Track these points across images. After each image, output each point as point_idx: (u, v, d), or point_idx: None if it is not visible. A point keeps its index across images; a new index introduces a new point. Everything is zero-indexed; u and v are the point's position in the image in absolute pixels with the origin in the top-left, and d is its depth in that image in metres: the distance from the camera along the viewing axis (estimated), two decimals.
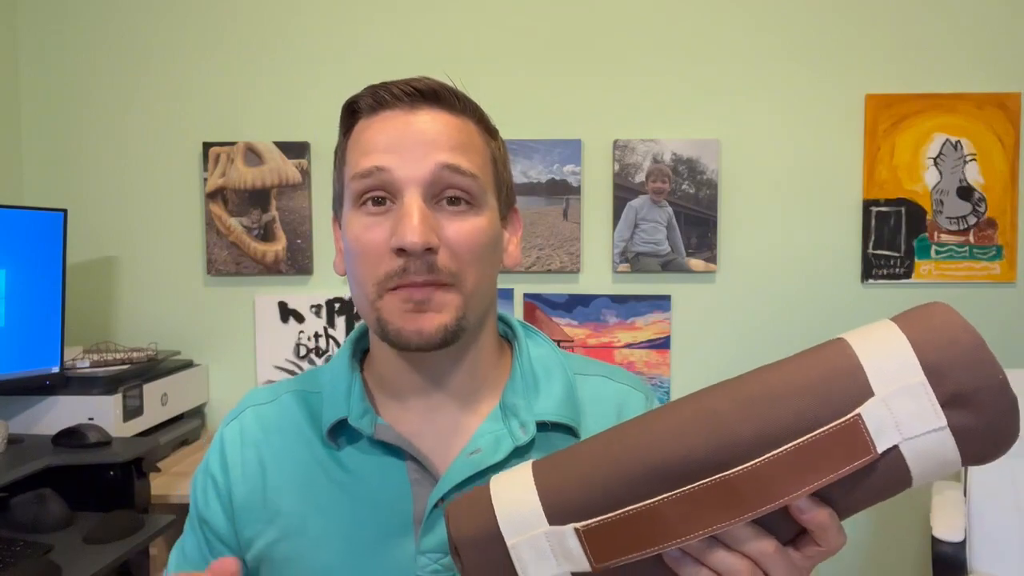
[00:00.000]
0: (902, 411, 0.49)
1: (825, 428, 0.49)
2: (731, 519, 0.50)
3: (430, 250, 0.66)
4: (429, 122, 0.69)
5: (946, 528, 1.94)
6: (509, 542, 0.53)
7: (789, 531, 0.53)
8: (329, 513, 0.72)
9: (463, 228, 0.68)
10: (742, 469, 0.50)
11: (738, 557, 0.51)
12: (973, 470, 2.04)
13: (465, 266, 0.68)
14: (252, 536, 0.74)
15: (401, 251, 0.66)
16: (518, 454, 0.71)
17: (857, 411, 0.49)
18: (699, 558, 0.52)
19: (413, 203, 0.66)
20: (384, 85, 0.71)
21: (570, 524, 0.52)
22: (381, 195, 0.68)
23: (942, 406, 0.49)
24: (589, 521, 0.52)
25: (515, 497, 0.54)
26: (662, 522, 0.51)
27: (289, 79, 2.38)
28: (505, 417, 0.73)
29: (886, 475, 0.50)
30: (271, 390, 0.81)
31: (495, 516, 0.54)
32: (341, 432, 0.74)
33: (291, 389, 0.79)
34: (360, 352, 0.80)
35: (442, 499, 0.69)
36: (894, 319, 0.53)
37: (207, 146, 2.37)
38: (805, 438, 0.49)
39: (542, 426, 0.73)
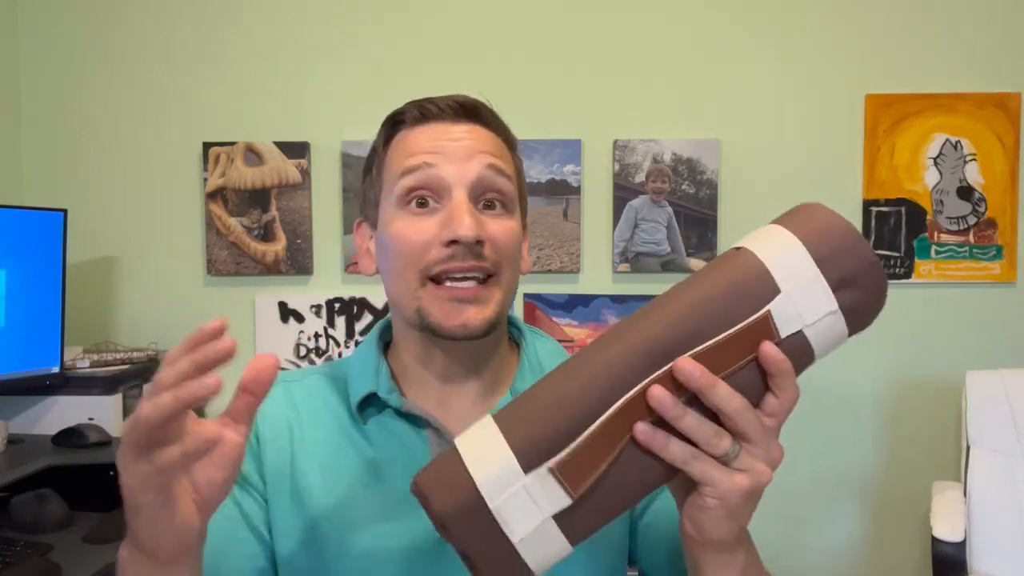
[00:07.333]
0: (803, 301, 0.58)
1: (742, 324, 0.57)
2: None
3: (479, 242, 0.73)
4: (469, 132, 0.77)
5: (946, 528, 1.94)
6: (491, 505, 0.54)
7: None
8: (354, 480, 0.77)
9: (503, 227, 0.76)
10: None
11: (705, 420, 0.56)
12: (973, 470, 2.04)
13: (504, 261, 0.76)
14: (277, 498, 0.78)
15: (453, 242, 0.72)
16: None
17: (767, 307, 0.57)
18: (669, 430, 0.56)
19: (462, 200, 0.74)
20: (429, 99, 0.78)
21: (544, 465, 0.54)
22: (425, 196, 0.75)
23: (833, 291, 0.58)
24: (560, 456, 0.54)
25: (487, 455, 0.55)
26: (617, 428, 0.55)
27: (289, 79, 2.38)
28: None
29: (793, 354, 0.58)
30: (300, 372, 0.86)
31: (473, 481, 0.54)
32: (368, 406, 0.79)
33: (319, 372, 0.85)
34: (383, 344, 0.85)
35: None
36: (778, 222, 0.61)
37: (207, 146, 2.37)
38: (726, 334, 0.57)
39: None
